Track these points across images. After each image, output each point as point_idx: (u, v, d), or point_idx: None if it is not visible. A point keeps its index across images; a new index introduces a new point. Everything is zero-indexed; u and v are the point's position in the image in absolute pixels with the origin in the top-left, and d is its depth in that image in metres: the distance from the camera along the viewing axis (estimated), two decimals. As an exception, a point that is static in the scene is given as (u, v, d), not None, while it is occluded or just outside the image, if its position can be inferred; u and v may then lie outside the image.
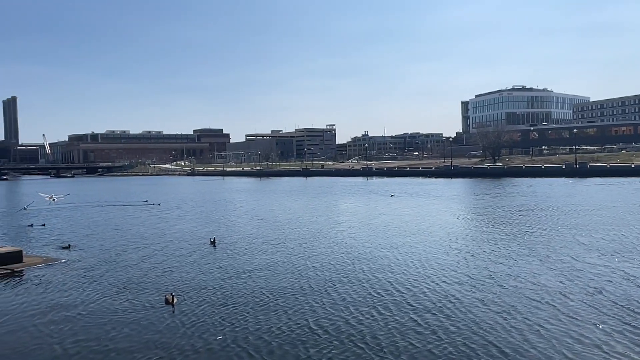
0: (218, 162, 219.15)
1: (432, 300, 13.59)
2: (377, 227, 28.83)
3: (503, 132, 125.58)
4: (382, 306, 13.16)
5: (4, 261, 18.63)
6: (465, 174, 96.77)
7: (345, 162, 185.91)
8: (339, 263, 18.89)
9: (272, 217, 36.11)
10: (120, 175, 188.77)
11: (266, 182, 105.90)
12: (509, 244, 21.96)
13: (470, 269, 17.30)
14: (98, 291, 15.50)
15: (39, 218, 38.80)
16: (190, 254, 21.69)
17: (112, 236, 28.19)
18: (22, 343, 11.18)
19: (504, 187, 61.92)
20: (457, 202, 44.89)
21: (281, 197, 58.68)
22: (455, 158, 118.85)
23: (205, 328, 11.78)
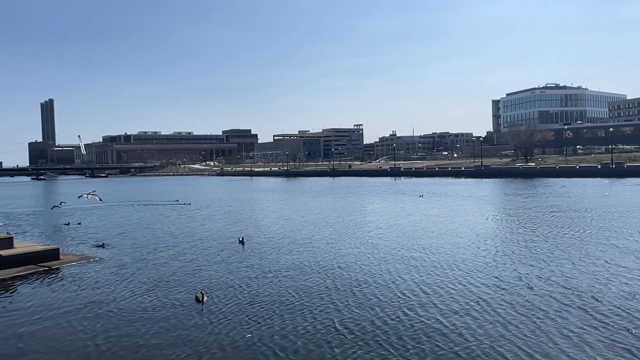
0: (246, 162, 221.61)
1: (460, 302, 13.44)
2: (404, 228, 28.66)
3: (535, 131, 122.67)
4: (408, 307, 13.11)
5: (42, 259, 19.36)
6: (496, 174, 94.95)
7: (373, 162, 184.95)
8: (365, 263, 18.88)
9: (299, 217, 36.32)
10: (152, 175, 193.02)
11: (293, 182, 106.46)
12: (540, 246, 21.48)
13: (499, 270, 17.02)
14: (130, 289, 15.95)
15: (74, 217, 40.10)
16: (219, 253, 22.06)
17: (144, 235, 28.91)
18: (56, 338, 11.60)
19: (536, 188, 60.50)
20: (487, 203, 44.14)
21: (308, 197, 58.91)
22: (485, 158, 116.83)
23: (234, 326, 11.97)
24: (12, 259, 18.49)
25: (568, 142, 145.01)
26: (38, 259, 19.26)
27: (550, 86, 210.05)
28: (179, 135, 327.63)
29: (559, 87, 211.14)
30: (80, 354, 10.59)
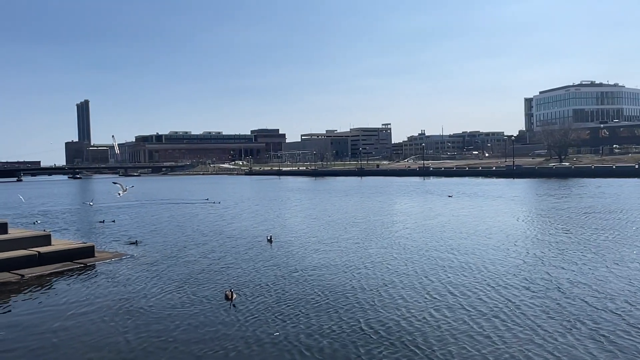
0: (274, 161, 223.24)
1: (488, 304, 13.26)
2: (432, 228, 28.39)
3: (570, 130, 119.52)
4: (435, 309, 13.01)
5: (78, 256, 20.03)
6: (528, 174, 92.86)
7: (401, 161, 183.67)
8: (392, 264, 18.82)
9: (326, 216, 36.43)
10: (183, 174, 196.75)
11: (321, 181, 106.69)
12: (573, 248, 20.95)
13: (529, 273, 16.69)
14: (161, 285, 16.36)
15: (108, 214, 41.30)
16: (247, 251, 22.37)
17: (174, 232, 29.56)
18: (89, 333, 11.99)
19: (570, 188, 58.90)
20: (518, 203, 43.24)
21: (335, 196, 58.97)
22: (517, 157, 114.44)
23: (262, 324, 12.13)
24: (50, 256, 19.21)
25: (604, 142, 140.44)
26: (74, 256, 19.93)
27: (585, 83, 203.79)
28: (208, 135, 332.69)
29: (594, 85, 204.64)
30: (112, 349, 10.93)
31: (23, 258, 18.40)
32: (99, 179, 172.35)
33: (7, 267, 17.61)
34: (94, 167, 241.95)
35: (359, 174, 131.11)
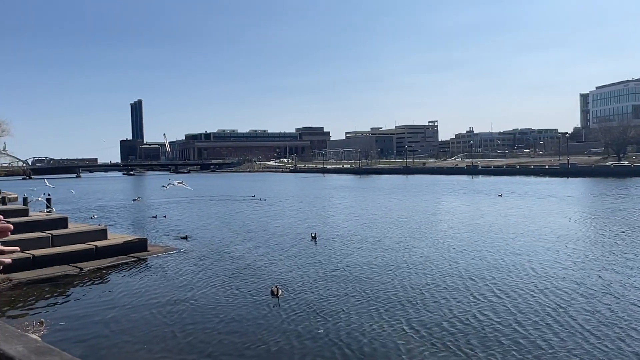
0: (318, 159, 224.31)
1: (536, 309, 12.90)
2: (480, 228, 27.79)
3: (630, 126, 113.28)
4: (480, 311, 12.80)
5: (132, 249, 21.03)
6: (583, 173, 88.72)
7: (448, 159, 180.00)
8: (437, 264, 18.62)
9: (370, 215, 36.38)
10: (230, 171, 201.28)
11: (365, 179, 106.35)
12: (628, 252, 19.97)
13: (581, 276, 16.09)
14: (209, 279, 16.95)
15: (160, 210, 42.97)
16: (292, 248, 22.73)
17: (222, 228, 30.42)
18: (139, 323, 12.63)
19: (629, 188, 55.90)
20: (571, 204, 41.52)
21: (380, 194, 58.68)
22: (572, 156, 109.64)
23: (306, 321, 12.35)
24: (107, 250, 20.26)
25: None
26: (128, 249, 20.93)
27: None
28: (254, 133, 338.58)
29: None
30: (160, 339, 11.46)
31: (82, 252, 19.48)
32: (151, 175, 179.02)
33: (68, 260, 18.70)
34: (147, 164, 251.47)
35: (404, 172, 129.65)
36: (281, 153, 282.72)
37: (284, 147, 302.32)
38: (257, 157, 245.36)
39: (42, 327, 11.89)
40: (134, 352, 10.71)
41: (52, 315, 13.17)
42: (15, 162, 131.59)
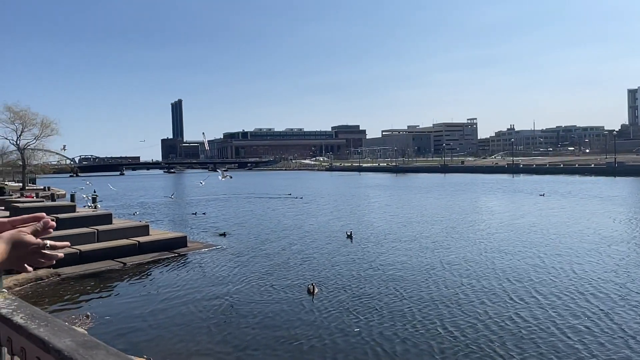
0: (354, 157, 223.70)
1: (576, 313, 12.49)
2: (519, 229, 27.08)
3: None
4: (517, 314, 12.49)
5: (173, 245, 21.66)
6: (632, 172, 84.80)
7: (488, 158, 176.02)
8: (473, 264, 18.30)
9: (406, 213, 36.06)
10: (266, 169, 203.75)
11: (402, 178, 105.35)
12: (682, 255, 18.99)
13: (624, 280, 15.44)
14: (246, 276, 17.27)
15: (199, 207, 43.99)
16: (328, 246, 22.84)
17: (259, 225, 30.87)
18: (178, 317, 13.03)
19: (682, 188, 53.11)
20: (618, 204, 39.82)
21: (416, 193, 58.05)
22: (620, 154, 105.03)
23: (342, 319, 12.40)
24: (149, 245, 20.94)
25: None
26: (169, 245, 21.57)
27: None
28: (290, 132, 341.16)
29: None
30: (198, 332, 11.80)
31: (125, 247, 20.22)
32: (190, 173, 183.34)
33: (112, 255, 19.45)
34: (186, 163, 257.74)
35: (442, 171, 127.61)
36: (317, 151, 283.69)
37: (319, 145, 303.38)
38: (293, 156, 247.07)
39: (89, 320, 12.45)
40: (172, 344, 11.07)
41: (98, 309, 13.76)
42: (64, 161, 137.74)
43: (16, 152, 71.20)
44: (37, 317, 1.58)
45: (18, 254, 1.47)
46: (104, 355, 1.31)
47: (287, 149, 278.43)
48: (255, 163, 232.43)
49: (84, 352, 1.32)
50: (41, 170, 76.43)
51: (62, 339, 1.39)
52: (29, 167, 70.67)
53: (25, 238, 1.48)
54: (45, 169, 77.78)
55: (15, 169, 75.04)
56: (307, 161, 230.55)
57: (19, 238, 1.47)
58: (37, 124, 68.72)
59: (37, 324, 1.51)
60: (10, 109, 66.60)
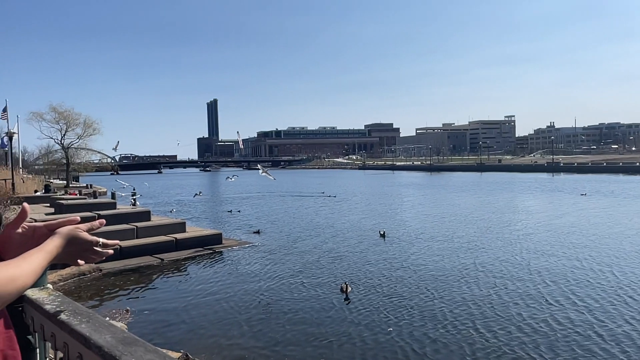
0: (388, 156, 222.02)
1: (615, 319, 11.96)
2: (558, 229, 26.23)
3: None
4: (553, 318, 12.08)
5: (208, 242, 22.09)
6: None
7: (527, 156, 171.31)
8: (509, 265, 17.85)
9: (440, 213, 35.52)
10: (299, 168, 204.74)
11: (436, 176, 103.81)
12: None
13: (675, 285, 14.72)
14: (279, 273, 17.42)
15: (234, 205, 44.65)
16: (361, 245, 22.77)
17: (293, 223, 31.06)
18: (212, 312, 13.28)
19: None
20: (665, 205, 37.99)
21: (451, 192, 57.10)
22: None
23: (375, 319, 12.34)
24: (185, 242, 21.43)
25: None
26: (205, 242, 22.00)
27: None
28: (323, 130, 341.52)
29: None
30: (231, 327, 11.99)
31: (163, 243, 20.75)
32: (225, 171, 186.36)
33: (151, 252, 20.00)
34: (221, 161, 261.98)
35: (478, 169, 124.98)
36: (350, 150, 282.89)
37: (352, 143, 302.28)
38: (326, 154, 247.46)
39: (128, 315, 12.86)
40: (206, 339, 11.30)
41: (137, 304, 14.18)
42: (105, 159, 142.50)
43: (60, 151, 74.18)
44: (79, 313, 1.64)
45: (72, 250, 1.56)
46: (142, 351, 1.34)
47: (320, 148, 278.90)
48: (288, 161, 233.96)
49: (123, 348, 1.36)
50: (84, 168, 79.31)
51: (102, 335, 1.43)
52: (72, 165, 73.44)
53: (80, 235, 1.57)
54: (87, 167, 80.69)
55: (60, 167, 78.17)
56: (340, 159, 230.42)
57: (75, 235, 1.56)
58: (80, 124, 71.40)
59: (79, 320, 1.56)
60: (55, 109, 69.45)
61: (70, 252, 1.55)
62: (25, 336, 1.82)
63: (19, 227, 1.59)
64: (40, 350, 1.86)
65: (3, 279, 1.25)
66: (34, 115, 69.02)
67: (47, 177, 69.52)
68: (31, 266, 1.38)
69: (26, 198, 25.57)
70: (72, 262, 1.60)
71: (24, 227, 1.59)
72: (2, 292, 1.23)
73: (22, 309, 1.83)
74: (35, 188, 41.22)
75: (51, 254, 1.47)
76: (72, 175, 75.78)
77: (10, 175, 36.02)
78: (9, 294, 1.26)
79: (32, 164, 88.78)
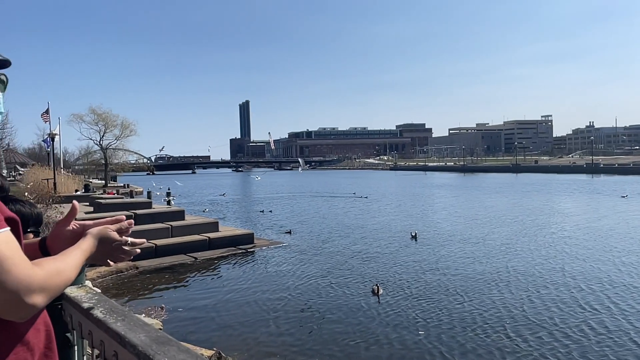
0: (420, 156, 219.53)
1: (665, 325, 11.47)
2: (596, 232, 25.32)
3: None
4: (587, 325, 11.65)
5: (240, 242, 22.35)
6: None
7: (564, 157, 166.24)
8: (543, 269, 17.35)
9: (473, 215, 34.84)
10: (330, 168, 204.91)
11: (470, 177, 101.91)
12: None
13: None
14: (310, 274, 17.47)
15: (266, 205, 45.05)
16: (392, 246, 22.59)
17: (323, 224, 31.07)
18: (242, 310, 13.42)
19: None
20: None
21: (485, 194, 55.95)
22: None
23: (407, 322, 12.21)
24: (218, 241, 21.75)
25: None
26: (237, 242, 22.27)
27: None
28: (354, 131, 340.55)
29: None
30: (260, 325, 12.10)
31: (197, 242, 21.12)
32: (257, 172, 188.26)
33: (185, 250, 20.39)
34: (253, 162, 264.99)
35: (513, 171, 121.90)
36: (381, 150, 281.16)
37: (383, 144, 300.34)
38: (357, 155, 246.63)
39: (163, 312, 13.15)
40: (237, 337, 11.45)
41: (171, 301, 14.48)
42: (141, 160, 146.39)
43: (99, 152, 76.68)
44: (115, 311, 1.68)
45: (103, 250, 1.61)
46: (175, 351, 1.36)
47: (351, 148, 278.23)
48: (319, 162, 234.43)
49: (157, 347, 1.38)
50: (121, 168, 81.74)
51: (137, 334, 1.46)
52: (110, 165, 75.80)
53: (111, 235, 1.61)
54: (124, 168, 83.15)
55: (99, 167, 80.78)
56: (370, 160, 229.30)
57: (106, 234, 1.61)
58: (117, 125, 73.70)
59: (114, 319, 1.60)
60: (94, 111, 71.90)
61: (102, 252, 1.60)
62: (64, 333, 1.88)
63: (69, 223, 1.65)
64: (78, 347, 1.92)
65: (52, 271, 1.30)
66: (75, 117, 71.73)
67: (86, 177, 71.96)
68: (74, 261, 1.44)
69: (67, 197, 26.51)
70: (103, 262, 1.65)
71: (75, 225, 1.65)
72: (51, 284, 1.27)
73: (62, 306, 1.89)
74: (76, 187, 42.68)
75: (87, 252, 1.52)
76: (110, 175, 78.22)
77: (52, 175, 37.39)
78: (57, 286, 1.31)
79: (72, 164, 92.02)
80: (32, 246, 1.64)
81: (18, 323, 1.27)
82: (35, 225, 2.39)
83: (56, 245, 1.61)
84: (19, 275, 1.18)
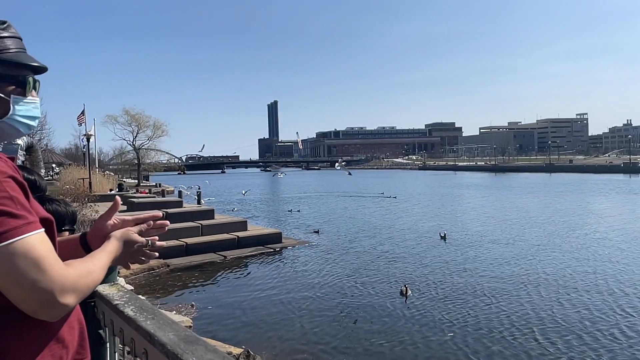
0: (449, 156, 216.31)
1: None
2: (631, 234, 24.43)
3: None
4: (620, 331, 11.23)
5: (268, 241, 22.54)
6: None
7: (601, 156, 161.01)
8: (575, 271, 16.88)
9: (505, 215, 34.13)
10: (357, 168, 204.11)
11: (501, 177, 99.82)
12: None
13: None
14: (337, 273, 17.49)
15: (294, 204, 45.28)
16: (419, 247, 22.38)
17: (351, 224, 31.01)
18: (269, 309, 13.54)
19: None
20: None
21: (517, 194, 54.72)
22: None
23: (434, 323, 12.10)
24: (247, 240, 22.01)
25: None
26: (265, 241, 22.47)
27: None
28: (382, 130, 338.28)
29: None
30: (286, 324, 12.19)
31: (226, 241, 21.42)
32: (284, 171, 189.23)
33: (215, 249, 20.71)
34: (281, 161, 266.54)
35: (547, 170, 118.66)
36: (409, 150, 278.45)
37: (412, 143, 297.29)
38: (385, 154, 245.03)
39: (193, 310, 13.42)
40: (265, 335, 11.57)
41: (201, 299, 14.76)
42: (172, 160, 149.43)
43: (132, 152, 78.64)
44: (145, 310, 1.75)
45: (126, 252, 1.65)
46: (202, 350, 1.40)
47: (379, 148, 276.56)
48: (346, 162, 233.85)
49: (185, 346, 1.43)
50: (153, 168, 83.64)
51: (166, 333, 1.52)
52: (143, 165, 77.65)
53: (133, 237, 1.67)
54: (156, 167, 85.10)
55: (132, 167, 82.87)
56: (399, 160, 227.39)
57: (129, 236, 1.66)
58: (150, 126, 75.49)
59: (144, 317, 1.67)
60: (128, 112, 73.84)
61: (124, 254, 1.64)
62: (97, 330, 1.96)
63: (111, 218, 1.72)
64: (110, 344, 2.00)
65: (82, 272, 1.36)
66: (109, 118, 73.85)
67: (120, 177, 73.91)
68: (101, 262, 1.50)
69: (101, 196, 27.31)
70: (123, 264, 1.70)
71: (115, 220, 1.71)
72: (82, 285, 1.33)
73: (94, 304, 1.98)
74: (110, 187, 43.88)
75: (112, 254, 1.58)
76: (142, 174, 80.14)
77: (87, 175, 38.55)
78: (87, 287, 1.37)
79: (107, 164, 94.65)
80: (72, 241, 1.72)
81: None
82: (70, 223, 2.50)
83: (97, 240, 1.67)
84: (54, 275, 1.21)
